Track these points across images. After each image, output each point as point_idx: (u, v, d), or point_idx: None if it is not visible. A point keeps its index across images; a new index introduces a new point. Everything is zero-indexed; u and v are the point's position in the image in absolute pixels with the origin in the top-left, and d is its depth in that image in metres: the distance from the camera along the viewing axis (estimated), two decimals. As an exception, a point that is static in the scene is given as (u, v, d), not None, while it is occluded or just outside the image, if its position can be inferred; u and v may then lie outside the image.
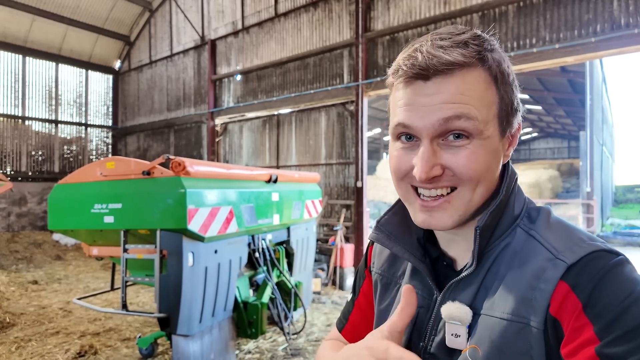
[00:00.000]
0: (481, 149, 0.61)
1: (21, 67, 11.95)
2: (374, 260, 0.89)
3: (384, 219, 0.79)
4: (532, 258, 0.61)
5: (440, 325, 0.68)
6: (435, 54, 0.59)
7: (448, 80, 0.60)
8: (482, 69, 0.61)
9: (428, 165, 0.61)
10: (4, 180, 7.73)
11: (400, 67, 0.63)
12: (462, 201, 0.63)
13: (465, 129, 0.60)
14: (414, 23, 6.74)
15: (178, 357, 3.27)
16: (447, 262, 0.72)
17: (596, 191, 12.78)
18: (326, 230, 8.09)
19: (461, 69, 0.60)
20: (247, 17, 9.62)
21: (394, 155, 0.67)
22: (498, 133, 0.64)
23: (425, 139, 0.62)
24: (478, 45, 0.61)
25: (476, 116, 0.60)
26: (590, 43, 5.18)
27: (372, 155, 28.91)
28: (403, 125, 0.63)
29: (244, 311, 3.89)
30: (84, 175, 3.61)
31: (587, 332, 0.52)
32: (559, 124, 28.82)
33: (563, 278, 0.57)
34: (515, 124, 0.67)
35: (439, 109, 0.60)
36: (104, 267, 8.55)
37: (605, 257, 0.56)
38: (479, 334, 0.62)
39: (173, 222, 3.11)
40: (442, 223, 0.64)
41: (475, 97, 0.60)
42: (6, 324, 4.90)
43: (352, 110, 7.64)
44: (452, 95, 0.60)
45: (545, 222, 0.66)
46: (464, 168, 0.61)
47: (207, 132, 10.46)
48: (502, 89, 0.63)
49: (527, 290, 0.59)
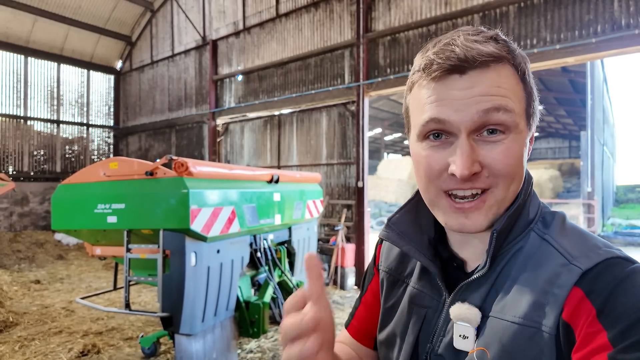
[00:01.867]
0: (516, 143, 0.61)
1: (23, 68, 11.98)
2: (382, 259, 0.88)
3: (396, 217, 0.78)
4: (545, 263, 0.60)
5: (448, 326, 0.67)
6: (473, 46, 0.59)
7: (484, 74, 0.59)
8: (512, 65, 0.61)
9: (470, 160, 0.58)
10: (6, 180, 7.76)
11: (433, 61, 0.60)
12: (496, 200, 0.62)
13: (504, 122, 0.59)
14: (415, 23, 6.75)
15: (181, 356, 3.29)
16: (457, 264, 0.72)
17: (597, 191, 12.77)
18: (327, 230, 8.11)
19: (496, 63, 0.60)
20: (249, 18, 9.64)
21: (423, 155, 0.64)
22: (526, 129, 0.63)
23: (462, 134, 0.60)
24: (505, 42, 0.62)
25: (513, 109, 0.59)
26: (591, 43, 5.19)
27: (373, 155, 28.90)
28: (437, 120, 0.60)
29: (246, 311, 3.91)
30: (87, 176, 3.63)
31: (601, 338, 0.52)
32: (560, 123, 28.80)
33: (577, 284, 0.56)
34: (534, 126, 0.67)
35: (477, 102, 0.58)
36: (105, 266, 8.58)
37: (621, 264, 0.56)
38: (488, 336, 0.61)
39: (176, 222, 3.13)
40: (477, 225, 0.62)
41: (510, 90, 0.60)
42: (9, 323, 4.93)
43: (353, 110, 7.65)
44: (489, 88, 0.59)
45: (560, 227, 0.65)
46: (501, 164, 0.60)
47: (208, 132, 10.48)
48: (528, 85, 0.64)
49: (540, 294, 0.58)
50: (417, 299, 0.75)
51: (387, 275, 0.84)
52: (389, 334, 0.79)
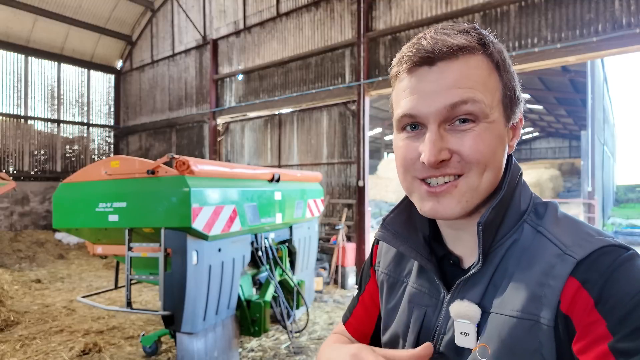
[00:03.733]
0: (487, 132, 0.61)
1: (23, 67, 11.98)
2: (380, 260, 0.88)
3: (390, 217, 0.78)
4: (540, 254, 0.60)
5: (449, 324, 0.67)
6: (440, 38, 0.61)
7: (452, 65, 0.60)
8: (484, 55, 0.62)
9: (436, 148, 0.60)
10: (6, 180, 7.75)
11: (404, 54, 0.64)
12: (469, 186, 0.62)
13: (472, 112, 0.60)
14: (416, 23, 6.75)
15: (182, 354, 3.29)
16: (453, 261, 0.71)
17: (597, 191, 12.77)
18: (328, 230, 8.11)
19: (464, 53, 0.61)
20: (249, 17, 9.64)
21: (399, 145, 0.67)
22: (503, 119, 0.64)
23: (432, 124, 0.62)
24: (479, 34, 0.63)
25: (482, 100, 0.60)
26: (591, 43, 5.19)
27: (374, 154, 28.90)
28: (409, 115, 0.63)
29: (247, 309, 3.91)
30: (88, 174, 3.63)
31: (600, 328, 0.52)
32: (560, 123, 28.81)
33: (573, 274, 0.56)
34: (518, 115, 0.68)
35: (445, 94, 0.60)
36: (106, 265, 8.58)
37: (615, 251, 0.56)
38: (489, 332, 0.61)
39: (177, 221, 3.13)
40: (449, 210, 0.63)
41: (479, 81, 0.61)
42: (10, 322, 4.93)
43: (353, 109, 7.65)
44: (457, 80, 0.60)
45: (553, 218, 0.65)
46: (471, 150, 0.61)
47: (209, 131, 10.48)
48: (504, 76, 0.64)
49: (536, 287, 0.58)
50: (416, 298, 0.75)
51: (387, 277, 0.85)
52: (391, 335, 0.80)
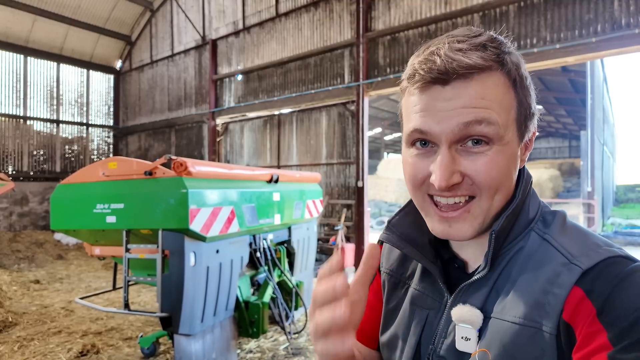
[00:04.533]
0: (501, 155, 0.59)
1: (23, 67, 11.97)
2: (383, 260, 0.88)
3: (396, 219, 0.77)
4: (546, 262, 0.60)
5: (450, 328, 0.67)
6: (455, 57, 0.57)
7: (467, 85, 0.58)
8: (501, 73, 0.59)
9: (447, 172, 0.58)
10: (5, 180, 7.75)
11: (416, 71, 0.60)
12: (481, 210, 0.61)
13: (486, 135, 0.58)
14: (415, 23, 6.75)
15: (180, 356, 3.28)
16: (458, 265, 0.71)
17: (597, 191, 12.77)
18: (327, 230, 8.11)
19: (481, 73, 0.58)
20: (248, 17, 9.63)
21: (409, 162, 0.65)
22: (517, 138, 0.62)
23: (443, 145, 0.59)
24: (496, 48, 0.59)
25: (497, 121, 0.58)
26: (591, 43, 5.18)
27: (373, 154, 28.89)
28: (419, 131, 0.61)
29: (246, 311, 3.90)
30: (86, 175, 3.62)
31: (601, 338, 0.51)
32: (560, 123, 28.81)
33: (578, 283, 0.55)
34: (532, 130, 0.65)
35: (459, 114, 0.57)
36: (105, 266, 8.57)
37: (622, 263, 0.55)
38: (489, 337, 0.61)
39: (175, 222, 3.12)
40: (461, 234, 0.62)
41: (495, 101, 0.58)
42: (8, 323, 4.92)
43: (352, 110, 7.64)
44: (472, 100, 0.57)
45: (560, 227, 0.64)
46: (484, 175, 0.59)
47: (208, 132, 10.47)
48: (520, 92, 0.61)
49: (540, 294, 0.57)
50: (418, 300, 0.75)
51: (389, 277, 0.84)
52: (391, 336, 0.79)
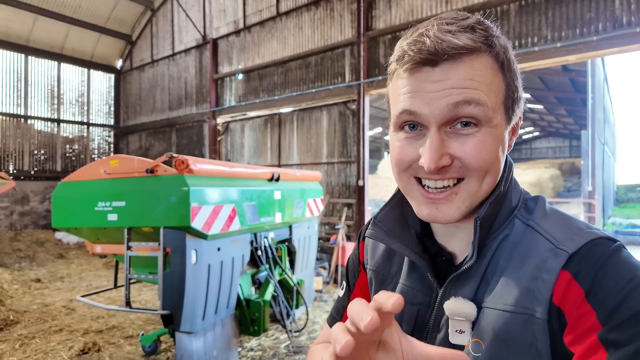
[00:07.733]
0: (490, 137, 0.59)
1: (23, 66, 11.98)
2: (367, 257, 0.86)
3: (381, 214, 0.77)
4: (532, 249, 0.61)
5: (442, 322, 0.66)
6: (444, 38, 0.57)
7: (457, 66, 0.57)
8: (490, 55, 0.59)
9: (437, 154, 0.58)
10: (6, 179, 7.75)
11: (405, 52, 0.59)
12: (469, 192, 0.61)
13: (474, 116, 0.58)
14: (416, 22, 6.69)
15: (181, 354, 3.29)
16: (446, 257, 0.71)
17: (598, 190, 12.76)
18: (328, 229, 8.11)
19: (470, 55, 0.58)
20: (249, 16, 9.63)
21: (396, 145, 0.64)
22: (504, 122, 0.62)
23: (432, 127, 0.59)
24: (484, 31, 0.59)
25: (486, 102, 0.58)
26: (592, 42, 5.18)
27: (374, 154, 28.87)
28: (408, 112, 0.60)
29: (247, 309, 3.91)
30: (87, 174, 3.62)
31: (591, 319, 0.52)
32: (560, 123, 28.80)
33: (565, 267, 0.56)
34: (519, 114, 0.66)
35: (448, 95, 0.57)
36: (106, 265, 8.58)
37: (605, 244, 0.57)
38: (482, 327, 0.60)
39: (176, 220, 3.12)
40: (448, 216, 0.62)
41: (484, 83, 0.58)
42: (10, 321, 4.93)
43: (353, 109, 7.64)
44: (461, 81, 0.57)
45: (542, 212, 0.65)
46: (473, 157, 0.59)
47: (208, 131, 10.48)
48: (508, 75, 0.61)
49: (529, 281, 0.58)
50: (408, 296, 0.73)
51: (375, 274, 0.83)
52: None
